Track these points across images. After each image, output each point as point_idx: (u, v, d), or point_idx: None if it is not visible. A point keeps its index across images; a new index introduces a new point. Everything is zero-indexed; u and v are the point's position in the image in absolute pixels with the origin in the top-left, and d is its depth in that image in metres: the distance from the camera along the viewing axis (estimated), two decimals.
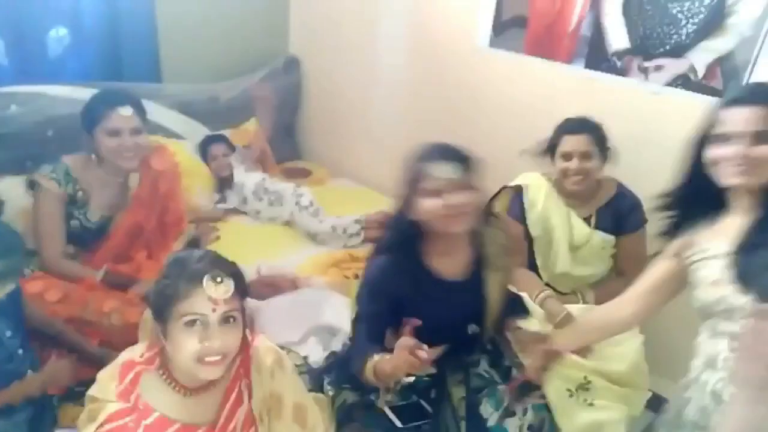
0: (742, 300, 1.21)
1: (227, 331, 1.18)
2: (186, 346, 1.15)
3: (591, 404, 1.64)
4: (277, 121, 3.33)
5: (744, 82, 1.94)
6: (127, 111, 1.96)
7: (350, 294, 1.95)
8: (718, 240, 1.30)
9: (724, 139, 1.25)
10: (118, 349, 1.85)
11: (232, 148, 2.95)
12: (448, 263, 1.56)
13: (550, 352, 1.60)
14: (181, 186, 2.22)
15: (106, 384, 1.23)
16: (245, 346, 1.28)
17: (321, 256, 2.48)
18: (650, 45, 2.11)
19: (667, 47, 2.08)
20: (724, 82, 1.98)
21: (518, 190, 2.12)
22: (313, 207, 2.72)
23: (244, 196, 2.81)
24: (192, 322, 1.15)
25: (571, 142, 1.99)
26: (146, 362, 1.24)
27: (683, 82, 2.07)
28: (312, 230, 2.67)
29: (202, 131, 3.04)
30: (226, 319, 1.18)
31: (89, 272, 1.99)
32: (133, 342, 1.83)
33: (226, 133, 3.05)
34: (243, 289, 1.23)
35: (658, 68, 2.12)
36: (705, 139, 1.29)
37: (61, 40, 2.66)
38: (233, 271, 1.21)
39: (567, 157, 1.99)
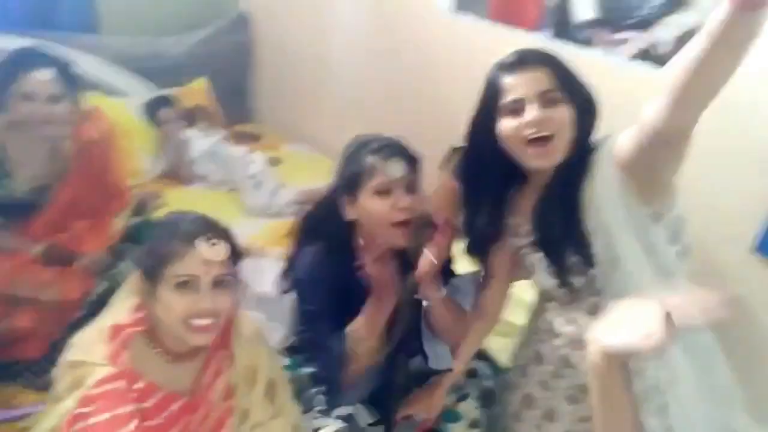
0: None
1: (219, 295, 1.15)
2: (176, 307, 1.12)
3: None
4: (226, 81, 3.18)
5: None
6: (44, 75, 1.73)
7: None
8: (527, 223, 1.29)
9: (515, 108, 1.16)
10: (48, 330, 1.75)
11: (180, 111, 2.78)
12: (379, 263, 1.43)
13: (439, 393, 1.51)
14: (118, 154, 2.03)
15: (91, 347, 1.17)
16: (232, 313, 1.25)
17: (275, 225, 2.38)
18: (617, 17, 2.07)
19: (634, 20, 2.04)
20: None
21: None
22: (256, 179, 2.60)
23: (194, 158, 2.66)
24: (183, 284, 1.12)
25: None
26: (134, 325, 1.19)
27: (647, 56, 2.04)
28: (247, 203, 2.55)
29: (146, 89, 2.86)
30: (218, 283, 1.15)
31: (23, 244, 1.82)
32: (67, 323, 1.74)
33: (173, 92, 2.88)
34: (237, 254, 1.21)
35: (623, 41, 2.09)
36: (490, 115, 1.20)
37: None
38: (227, 234, 1.20)
39: None
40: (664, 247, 1.17)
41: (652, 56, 2.02)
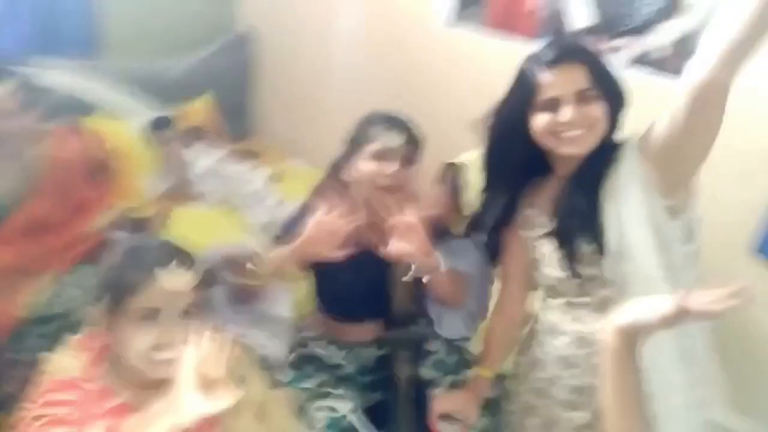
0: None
1: (184, 326, 1.06)
2: (137, 341, 1.04)
3: None
4: (227, 99, 3.20)
5: None
6: (2, 89, 1.64)
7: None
8: (545, 214, 1.29)
9: (550, 104, 1.17)
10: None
11: (182, 130, 2.80)
12: (367, 230, 1.50)
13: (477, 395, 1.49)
14: (93, 173, 1.96)
15: (66, 360, 1.10)
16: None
17: None
18: (613, 24, 2.08)
19: (628, 27, 2.05)
20: (683, 62, 1.96)
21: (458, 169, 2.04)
22: (258, 196, 2.61)
23: (196, 177, 2.68)
24: (146, 316, 1.04)
25: None
26: (101, 345, 1.12)
27: (643, 62, 2.04)
28: (249, 221, 2.56)
29: (148, 108, 2.88)
30: (183, 314, 1.07)
31: None
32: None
33: (174, 111, 2.89)
34: (203, 281, 1.13)
35: (620, 48, 2.09)
36: (523, 108, 1.21)
37: None
38: (192, 261, 1.12)
39: None
40: (677, 245, 1.17)
41: (649, 62, 2.02)
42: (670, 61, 1.98)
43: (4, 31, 2.55)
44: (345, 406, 1.52)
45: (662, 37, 1.99)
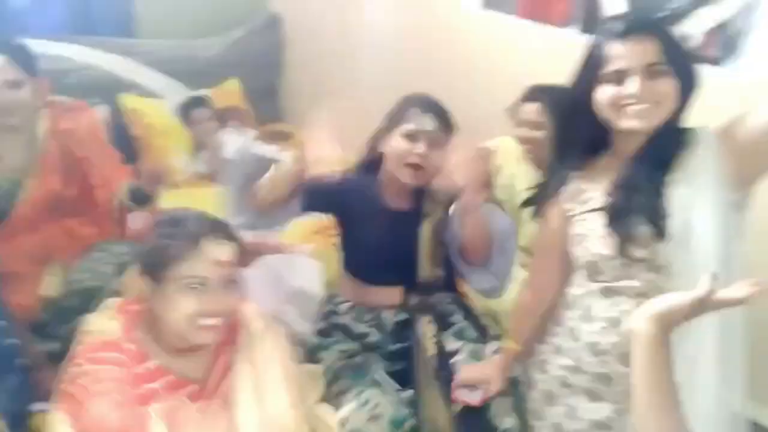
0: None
1: (227, 295, 1.15)
2: (182, 308, 1.11)
3: None
4: (258, 81, 3.23)
5: (741, 51, 1.90)
6: None
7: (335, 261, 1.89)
8: (598, 190, 1.25)
9: (617, 77, 1.14)
10: None
11: (213, 111, 2.84)
12: (395, 196, 1.63)
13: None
14: (103, 147, 1.89)
15: (105, 322, 1.17)
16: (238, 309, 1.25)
17: (306, 222, 2.41)
18: (646, 11, 2.06)
19: (664, 14, 2.03)
20: (722, 50, 1.94)
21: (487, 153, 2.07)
22: None
23: (227, 158, 2.72)
24: (192, 285, 1.11)
25: (525, 110, 1.96)
26: (138, 310, 1.19)
27: None
28: None
29: (180, 90, 2.93)
30: (225, 282, 1.15)
31: None
32: None
33: (206, 93, 2.94)
34: (241, 252, 1.20)
35: None
36: (590, 80, 1.18)
37: None
38: (232, 233, 1.19)
39: (521, 125, 1.97)
40: (735, 240, 1.15)
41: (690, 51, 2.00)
42: (704, 50, 1.96)
43: (41, 12, 2.61)
44: (370, 369, 1.56)
45: (696, 25, 1.97)
